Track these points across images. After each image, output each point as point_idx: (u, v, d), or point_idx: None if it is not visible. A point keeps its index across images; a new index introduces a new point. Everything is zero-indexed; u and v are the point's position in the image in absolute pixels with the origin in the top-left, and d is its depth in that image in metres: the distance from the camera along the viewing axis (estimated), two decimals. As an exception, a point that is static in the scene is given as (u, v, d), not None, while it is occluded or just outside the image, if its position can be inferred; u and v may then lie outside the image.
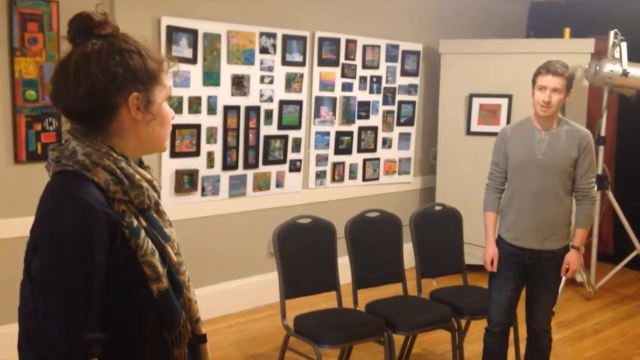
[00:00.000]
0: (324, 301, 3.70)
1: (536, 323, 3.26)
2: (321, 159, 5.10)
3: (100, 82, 1.34)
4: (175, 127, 4.09)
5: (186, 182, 4.28)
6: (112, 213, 1.35)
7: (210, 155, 4.38)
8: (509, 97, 5.43)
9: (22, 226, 3.46)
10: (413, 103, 5.71)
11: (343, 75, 5.11)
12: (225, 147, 4.45)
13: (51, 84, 1.40)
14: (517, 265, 3.21)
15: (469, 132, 5.58)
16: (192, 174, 4.30)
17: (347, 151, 5.28)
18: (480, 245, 3.80)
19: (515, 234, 3.21)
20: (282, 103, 4.73)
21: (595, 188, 3.22)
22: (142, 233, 1.39)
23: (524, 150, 3.18)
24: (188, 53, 4.14)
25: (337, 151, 5.21)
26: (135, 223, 1.39)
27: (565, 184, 3.15)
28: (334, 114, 5.12)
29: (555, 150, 3.12)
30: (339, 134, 5.19)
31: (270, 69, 4.61)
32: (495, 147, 3.32)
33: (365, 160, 5.43)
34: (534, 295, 3.26)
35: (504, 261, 3.24)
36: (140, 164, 1.49)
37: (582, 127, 3.22)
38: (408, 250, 3.84)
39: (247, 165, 4.60)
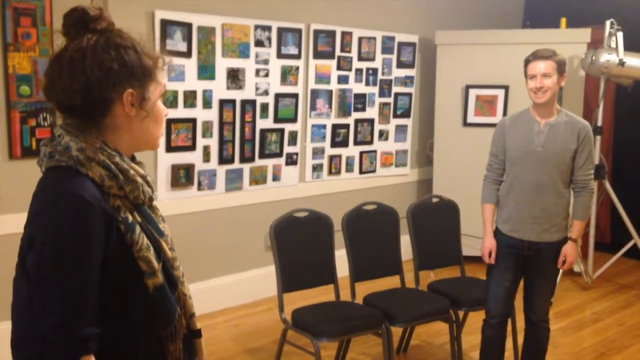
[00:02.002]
0: (321, 294, 3.69)
1: (534, 314, 3.26)
2: (318, 152, 5.09)
3: (95, 76, 1.34)
4: (171, 121, 4.07)
5: (182, 176, 4.27)
6: (108, 208, 1.34)
7: (206, 150, 4.37)
8: (506, 88, 5.43)
9: (17, 222, 3.44)
10: (409, 95, 5.69)
11: (339, 67, 5.10)
12: (221, 141, 4.44)
13: (45, 77, 1.40)
14: (515, 256, 3.21)
15: (465, 124, 5.57)
16: (188, 169, 4.29)
17: (344, 144, 5.27)
18: (477, 237, 3.80)
19: (514, 225, 3.20)
20: (278, 96, 4.71)
21: (593, 179, 3.21)
22: (137, 228, 1.39)
23: (522, 142, 3.16)
24: (182, 47, 4.12)
25: (334, 144, 5.19)
26: (131, 218, 1.39)
27: (564, 175, 3.14)
28: (330, 107, 5.10)
29: (554, 142, 3.11)
30: (335, 127, 5.17)
31: (266, 62, 4.59)
32: (493, 138, 3.31)
33: (361, 153, 5.42)
34: (532, 286, 3.25)
35: (502, 253, 3.23)
36: (133, 159, 1.49)
37: (581, 119, 3.20)
38: (405, 242, 3.84)
39: (243, 159, 4.58)
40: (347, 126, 5.26)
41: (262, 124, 4.65)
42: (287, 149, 4.85)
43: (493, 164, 3.30)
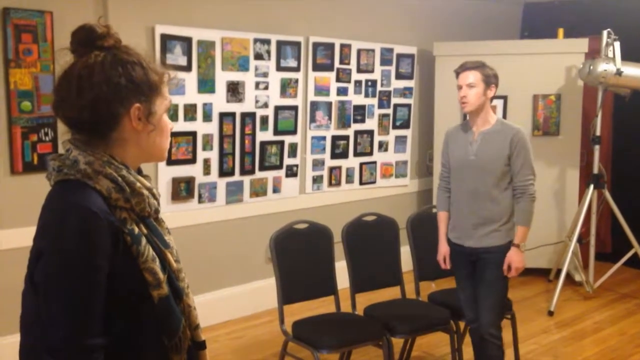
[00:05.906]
0: (322, 306, 3.70)
1: (480, 325, 3.24)
2: (318, 164, 5.11)
3: (103, 92, 1.37)
4: (171, 134, 4.05)
5: (183, 189, 4.29)
6: (114, 220, 1.36)
7: (206, 162, 4.39)
8: (504, 98, 5.43)
9: (20, 237, 3.47)
10: (408, 106, 5.72)
11: (338, 79, 5.13)
12: (222, 154, 4.46)
13: (54, 94, 1.42)
14: (466, 263, 3.28)
15: (464, 134, 5.58)
16: (189, 181, 4.31)
17: (344, 155, 5.29)
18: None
19: (457, 232, 3.30)
20: (278, 109, 4.74)
21: (534, 185, 3.21)
22: (143, 240, 1.41)
23: (459, 152, 3.27)
24: (182, 61, 4.16)
25: (334, 155, 5.22)
26: (137, 230, 1.40)
27: (500, 183, 3.18)
28: (330, 119, 5.13)
29: (487, 150, 3.18)
30: (335, 138, 5.20)
31: (265, 74, 4.62)
32: (442, 148, 3.43)
33: (361, 164, 5.44)
34: (477, 295, 3.26)
35: (456, 260, 3.34)
36: (139, 172, 1.51)
37: (515, 125, 3.25)
38: (406, 253, 3.85)
39: (243, 172, 4.61)
40: (346, 137, 5.28)
41: (262, 136, 4.67)
42: (287, 161, 4.87)
43: (443, 173, 3.42)
